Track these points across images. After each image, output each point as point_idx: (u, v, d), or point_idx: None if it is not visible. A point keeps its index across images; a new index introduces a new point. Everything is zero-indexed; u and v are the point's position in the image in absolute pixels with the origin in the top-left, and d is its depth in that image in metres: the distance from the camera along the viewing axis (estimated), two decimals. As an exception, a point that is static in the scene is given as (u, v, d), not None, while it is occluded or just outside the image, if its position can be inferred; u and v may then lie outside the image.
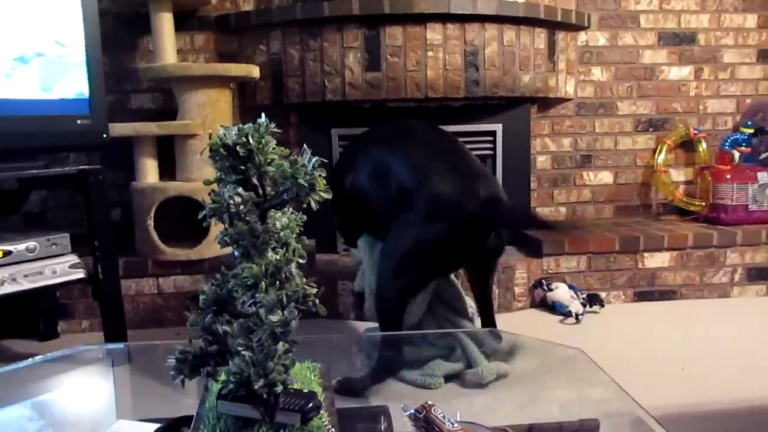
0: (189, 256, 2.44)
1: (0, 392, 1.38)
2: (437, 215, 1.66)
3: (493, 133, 2.81)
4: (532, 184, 2.98)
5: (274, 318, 0.64)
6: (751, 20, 3.14)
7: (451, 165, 1.73)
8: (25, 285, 1.86)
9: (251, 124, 0.72)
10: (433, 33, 2.49)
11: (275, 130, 0.73)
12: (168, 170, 2.54)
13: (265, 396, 0.68)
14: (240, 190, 0.68)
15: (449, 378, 1.78)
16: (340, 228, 2.19)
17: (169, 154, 2.52)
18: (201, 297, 0.73)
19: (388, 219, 1.77)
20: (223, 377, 0.75)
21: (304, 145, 0.73)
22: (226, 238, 0.69)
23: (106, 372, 1.65)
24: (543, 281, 2.61)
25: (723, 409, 1.70)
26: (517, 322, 2.37)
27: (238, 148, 0.69)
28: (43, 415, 1.39)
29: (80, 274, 1.98)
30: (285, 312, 0.64)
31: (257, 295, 0.66)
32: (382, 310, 1.78)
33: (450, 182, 1.67)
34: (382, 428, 1.06)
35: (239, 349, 0.66)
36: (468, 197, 1.65)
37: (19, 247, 1.86)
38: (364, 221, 1.94)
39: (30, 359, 1.45)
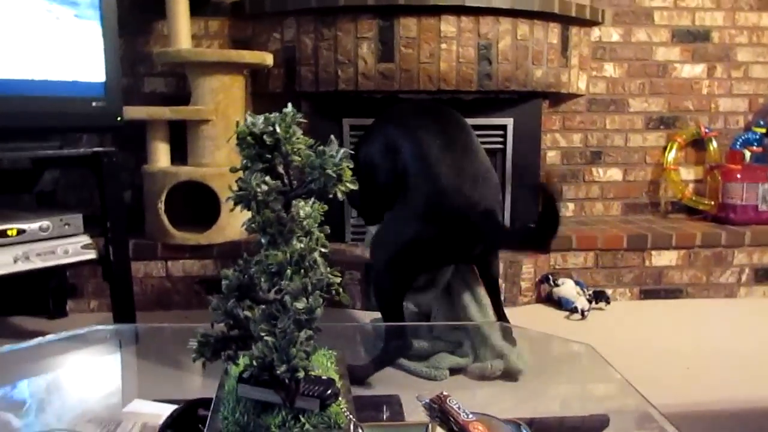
0: (198, 241, 2.46)
1: (9, 369, 1.40)
2: (431, 217, 1.66)
3: (503, 127, 2.81)
4: (541, 180, 2.98)
5: (299, 305, 0.65)
6: (766, 19, 3.12)
7: (458, 166, 1.71)
8: (38, 263, 1.88)
9: (278, 113, 0.73)
10: (447, 25, 2.49)
11: (301, 120, 0.74)
12: (179, 155, 2.55)
13: (286, 381, 0.69)
14: (267, 178, 0.69)
15: (454, 371, 1.79)
16: (358, 204, 2.17)
17: (181, 139, 2.53)
18: (224, 282, 0.74)
19: (392, 198, 1.79)
20: (243, 361, 0.76)
21: (332, 136, 0.74)
22: (253, 225, 0.70)
23: (114, 352, 1.66)
24: (549, 276, 2.62)
25: (727, 408, 1.71)
26: (522, 317, 2.38)
27: (265, 136, 0.70)
28: (52, 393, 1.41)
29: (92, 254, 1.99)
30: (310, 299, 0.65)
31: (282, 282, 0.67)
32: (379, 299, 1.81)
33: (452, 186, 1.67)
34: (392, 416, 1.08)
35: (262, 334, 0.67)
36: (464, 206, 1.65)
37: (32, 226, 1.88)
38: (385, 199, 1.92)
39: (40, 338, 1.47)
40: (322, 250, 0.72)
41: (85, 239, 1.99)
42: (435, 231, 1.66)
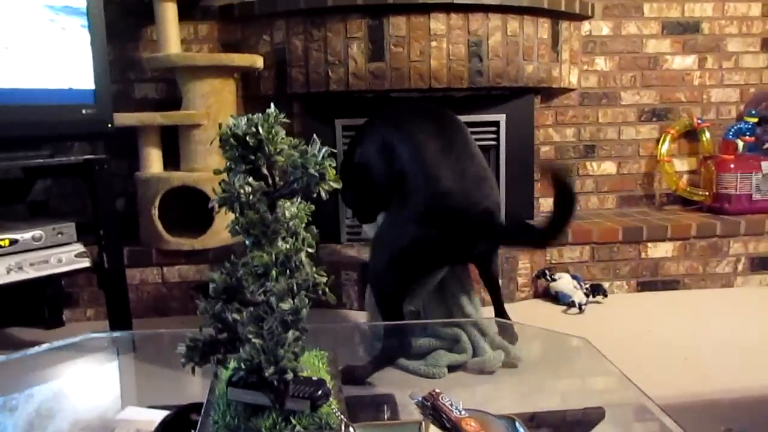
0: (193, 246, 2.45)
1: (7, 379, 1.40)
2: (432, 219, 1.66)
3: (496, 124, 2.81)
4: (535, 175, 2.98)
5: (285, 306, 0.64)
6: (756, 9, 3.13)
7: (457, 167, 1.71)
8: (31, 273, 1.87)
9: (260, 114, 0.72)
10: (437, 23, 2.49)
11: (284, 120, 0.73)
12: (172, 160, 2.54)
13: (275, 383, 0.69)
14: (250, 179, 0.69)
15: (452, 368, 1.79)
16: (353, 203, 2.17)
17: (173, 144, 2.52)
18: (211, 285, 0.73)
19: (389, 199, 1.79)
20: (233, 364, 0.76)
21: (314, 135, 0.73)
22: (237, 227, 0.69)
23: (111, 360, 1.66)
24: (546, 271, 2.61)
25: (725, 398, 1.71)
26: (520, 312, 2.38)
27: (248, 137, 0.69)
28: (50, 402, 1.41)
29: (86, 263, 1.99)
30: (296, 300, 0.65)
31: (268, 283, 0.67)
32: (380, 300, 1.80)
33: (452, 187, 1.67)
34: (389, 415, 1.07)
35: (250, 336, 0.66)
36: (465, 207, 1.66)
37: (25, 235, 1.87)
38: (379, 199, 1.93)
39: (37, 347, 1.46)
40: (309, 250, 0.72)
41: (79, 248, 1.98)
42: (436, 232, 1.66)
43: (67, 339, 1.51)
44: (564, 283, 2.55)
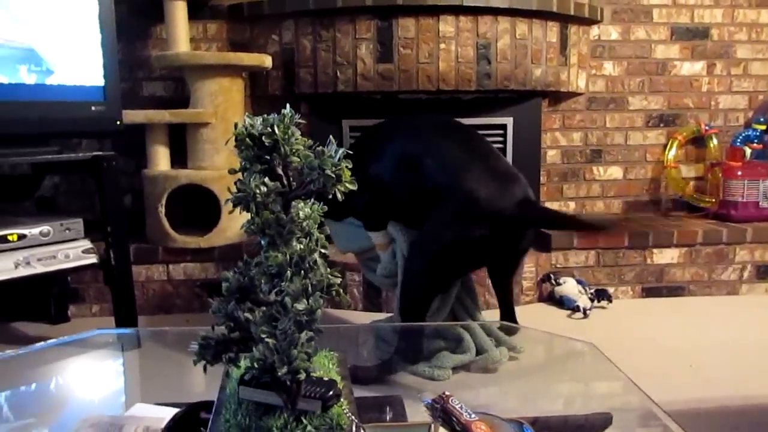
0: (199, 244, 2.45)
1: (12, 374, 1.40)
2: (475, 216, 1.66)
3: (503, 127, 2.81)
4: (541, 179, 2.98)
5: (300, 306, 0.65)
6: (765, 16, 3.12)
7: (485, 165, 1.73)
8: (39, 268, 1.88)
9: (276, 115, 0.73)
10: (446, 25, 2.49)
11: (300, 120, 0.74)
12: (179, 158, 2.55)
13: (288, 383, 0.69)
14: (266, 179, 0.69)
15: (456, 369, 1.79)
16: (363, 210, 2.15)
17: (180, 143, 2.53)
18: (224, 284, 0.74)
19: (416, 211, 1.78)
20: (244, 363, 0.76)
21: (330, 136, 0.74)
22: (252, 227, 0.69)
23: (116, 356, 1.66)
24: (551, 275, 2.61)
25: (730, 405, 1.70)
26: (524, 316, 2.37)
27: (263, 138, 0.70)
28: (55, 398, 1.41)
29: (93, 259, 1.99)
30: (310, 301, 0.65)
31: (282, 283, 0.67)
32: (410, 305, 1.78)
33: (486, 183, 1.67)
34: (396, 417, 1.07)
35: (263, 336, 0.67)
36: (504, 199, 1.66)
37: (33, 231, 1.88)
38: (392, 209, 1.92)
39: (42, 343, 1.47)
40: (322, 251, 0.72)
41: (86, 244, 1.99)
42: (486, 228, 1.65)
43: (75, 335, 1.51)
44: (569, 287, 2.54)
